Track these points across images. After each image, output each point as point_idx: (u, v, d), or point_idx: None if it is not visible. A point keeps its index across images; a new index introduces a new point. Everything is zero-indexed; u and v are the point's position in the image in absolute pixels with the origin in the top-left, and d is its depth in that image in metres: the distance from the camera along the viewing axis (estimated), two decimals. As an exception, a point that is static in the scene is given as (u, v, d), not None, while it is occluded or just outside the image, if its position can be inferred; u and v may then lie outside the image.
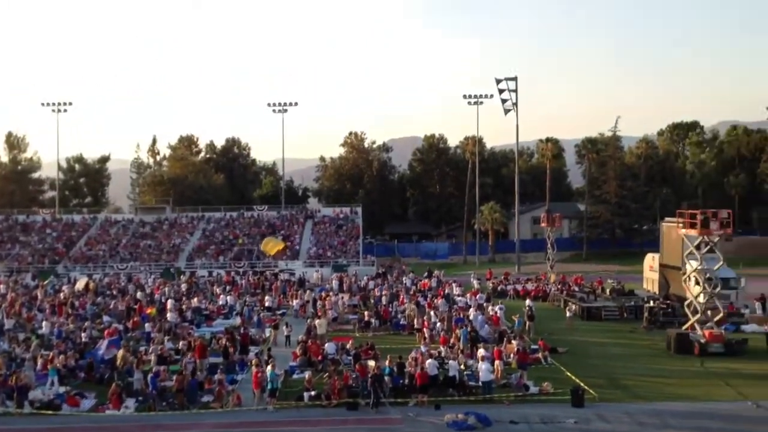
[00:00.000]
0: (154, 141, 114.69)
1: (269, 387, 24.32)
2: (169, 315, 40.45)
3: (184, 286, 54.10)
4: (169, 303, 43.60)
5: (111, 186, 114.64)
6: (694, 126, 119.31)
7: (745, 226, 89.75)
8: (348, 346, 31.63)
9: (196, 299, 46.68)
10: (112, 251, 73.47)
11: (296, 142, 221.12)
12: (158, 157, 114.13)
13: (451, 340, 32.62)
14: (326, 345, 31.79)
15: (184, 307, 43.72)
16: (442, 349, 31.18)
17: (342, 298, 46.78)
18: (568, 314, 41.28)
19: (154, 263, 70.00)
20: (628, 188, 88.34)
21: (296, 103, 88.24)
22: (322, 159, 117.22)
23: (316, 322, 36.12)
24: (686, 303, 34.86)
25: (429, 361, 26.04)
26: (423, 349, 29.25)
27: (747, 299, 42.78)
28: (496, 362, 27.45)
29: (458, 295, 47.29)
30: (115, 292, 52.32)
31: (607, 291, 49.05)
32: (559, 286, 52.98)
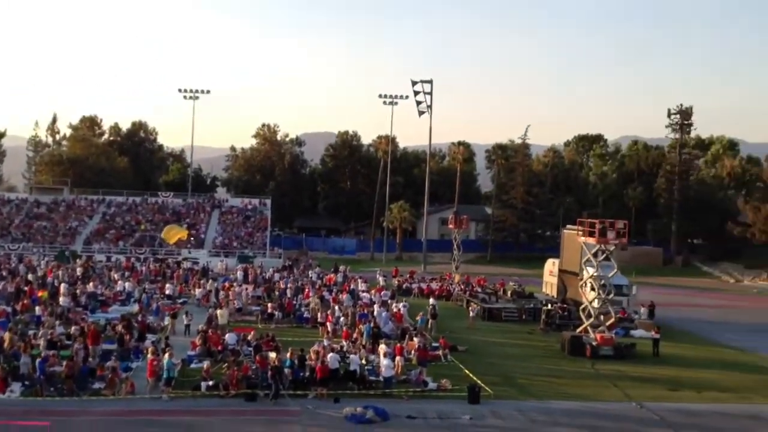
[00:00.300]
0: (54, 119, 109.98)
1: (165, 376, 23.64)
2: (61, 299, 38.74)
3: (79, 270, 51.94)
4: (63, 287, 41.72)
5: (5, 163, 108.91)
6: (598, 139, 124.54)
7: (639, 236, 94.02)
8: (249, 337, 31.15)
9: (91, 284, 44.88)
10: (4, 231, 69.78)
11: (207, 131, 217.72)
12: (58, 137, 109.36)
13: (354, 335, 32.68)
14: (227, 335, 31.22)
15: (78, 291, 41.98)
16: (344, 343, 31.23)
17: (246, 289, 46.08)
18: (471, 314, 41.97)
19: (48, 245, 66.99)
20: (534, 195, 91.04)
21: (208, 91, 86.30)
22: (233, 149, 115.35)
23: (218, 312, 35.45)
24: (581, 307, 36.16)
25: (330, 354, 25.98)
26: (325, 342, 29.17)
27: (637, 305, 44.80)
28: (397, 358, 27.68)
29: (363, 291, 47.46)
30: (4, 273, 49.62)
31: (509, 293, 50.38)
32: (462, 287, 53.98)
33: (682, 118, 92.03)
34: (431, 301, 42.19)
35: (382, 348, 28.28)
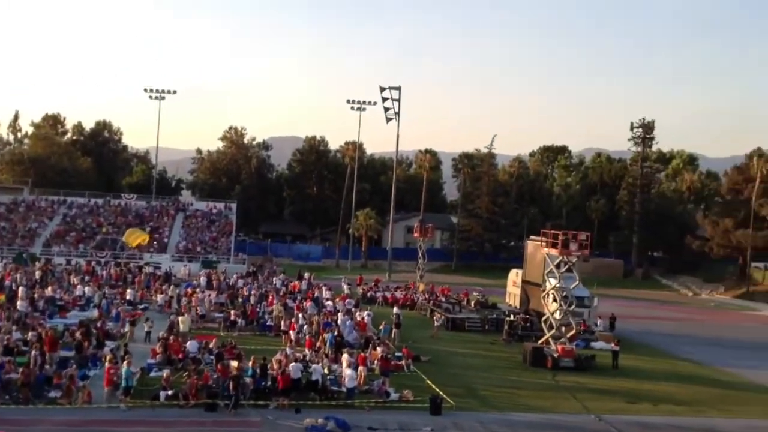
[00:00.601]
0: (16, 117, 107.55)
1: (123, 385, 23.27)
2: (19, 303, 37.83)
3: (37, 274, 50.89)
4: (21, 290, 40.90)
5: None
6: (563, 150, 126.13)
7: (602, 248, 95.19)
8: (211, 345, 30.83)
9: (50, 288, 44.03)
10: (-40, 231, 68.10)
11: (172, 132, 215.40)
12: (20, 134, 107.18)
13: (317, 344, 32.56)
14: (188, 343, 30.82)
15: (36, 295, 41.14)
16: (307, 352, 31.08)
17: (209, 295, 45.60)
18: (436, 324, 42.05)
19: (6, 247, 65.48)
20: (500, 205, 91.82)
21: (175, 92, 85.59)
22: (199, 151, 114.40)
23: (180, 318, 35.07)
24: (543, 318, 36.51)
25: (293, 364, 25.83)
26: (288, 351, 29.02)
27: (597, 317, 45.35)
28: (360, 368, 27.65)
29: (327, 299, 47.28)
30: (-41, 276, 48.45)
31: (472, 303, 50.67)
32: (426, 296, 54.12)
33: (645, 131, 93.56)
34: (395, 310, 42.29)
35: (345, 357, 28.22)
